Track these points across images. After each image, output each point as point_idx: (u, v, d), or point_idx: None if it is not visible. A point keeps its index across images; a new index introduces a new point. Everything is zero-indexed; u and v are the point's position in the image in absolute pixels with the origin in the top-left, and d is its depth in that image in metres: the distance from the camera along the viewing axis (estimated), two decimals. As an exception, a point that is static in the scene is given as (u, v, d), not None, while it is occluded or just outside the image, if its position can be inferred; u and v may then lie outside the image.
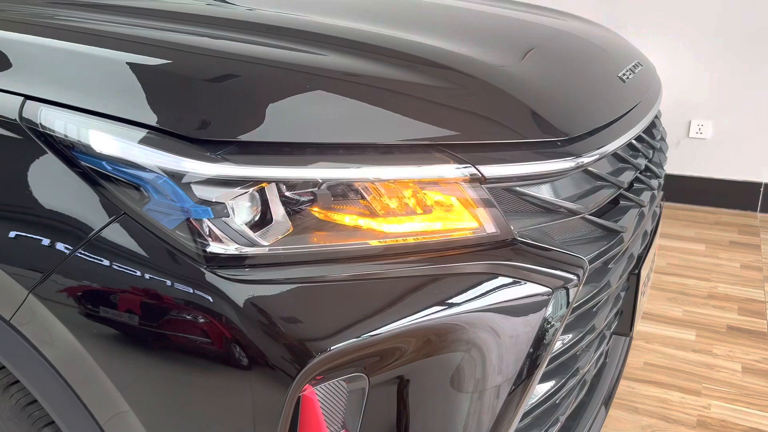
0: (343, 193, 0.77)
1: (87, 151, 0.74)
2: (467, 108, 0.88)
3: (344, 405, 0.79)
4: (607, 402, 1.22)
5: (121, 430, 0.78)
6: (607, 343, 1.19)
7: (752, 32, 3.21)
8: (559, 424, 1.03)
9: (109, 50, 0.84)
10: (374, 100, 0.82)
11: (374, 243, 0.77)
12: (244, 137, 0.73)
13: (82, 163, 0.74)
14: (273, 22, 1.07)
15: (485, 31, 1.24)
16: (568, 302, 0.86)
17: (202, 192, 0.72)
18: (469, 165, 0.78)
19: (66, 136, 0.75)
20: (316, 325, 0.73)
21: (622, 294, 1.16)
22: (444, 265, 0.79)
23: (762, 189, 3.33)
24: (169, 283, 0.72)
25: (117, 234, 0.73)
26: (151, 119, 0.74)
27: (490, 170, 0.80)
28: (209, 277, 0.71)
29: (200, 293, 0.71)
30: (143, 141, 0.72)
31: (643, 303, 1.25)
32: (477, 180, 0.79)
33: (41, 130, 0.76)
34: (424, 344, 0.78)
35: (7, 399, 0.89)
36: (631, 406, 1.79)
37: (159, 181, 0.72)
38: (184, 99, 0.78)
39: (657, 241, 1.31)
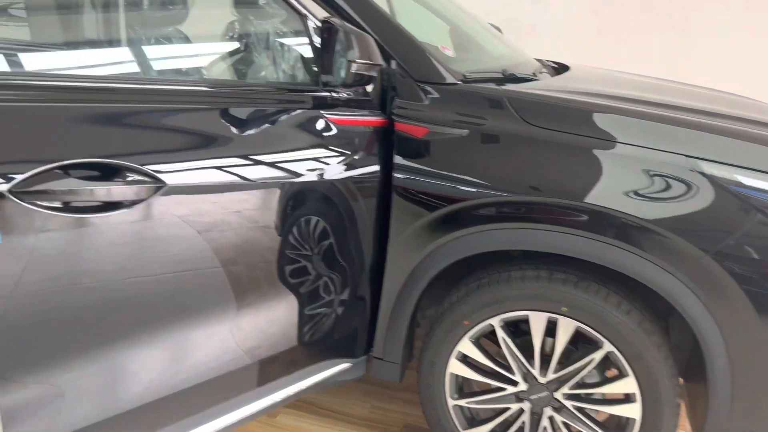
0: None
1: (740, 186, 1.50)
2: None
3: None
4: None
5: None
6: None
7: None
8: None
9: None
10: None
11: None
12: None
13: (740, 192, 1.50)
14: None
15: (748, 108, 2.04)
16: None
17: None
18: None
19: (728, 178, 1.50)
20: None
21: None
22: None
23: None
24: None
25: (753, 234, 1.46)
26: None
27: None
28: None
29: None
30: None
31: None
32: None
33: (707, 172, 1.51)
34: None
35: (629, 318, 1.60)
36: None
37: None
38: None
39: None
